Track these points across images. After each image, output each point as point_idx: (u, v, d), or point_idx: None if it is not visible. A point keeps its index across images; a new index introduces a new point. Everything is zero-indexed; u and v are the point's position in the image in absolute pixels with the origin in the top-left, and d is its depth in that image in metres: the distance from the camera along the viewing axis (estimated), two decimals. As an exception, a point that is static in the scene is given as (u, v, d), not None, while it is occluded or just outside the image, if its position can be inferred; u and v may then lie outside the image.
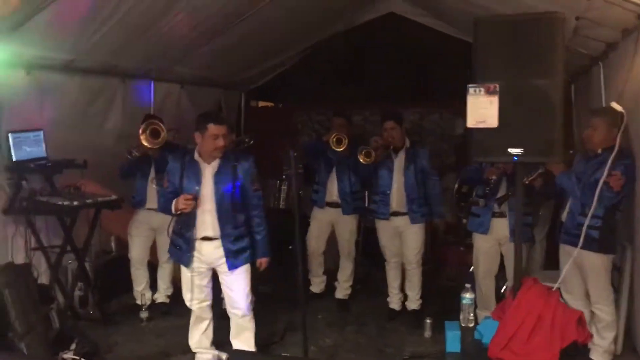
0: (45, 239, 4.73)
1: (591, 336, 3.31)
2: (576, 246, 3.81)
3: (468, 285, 3.42)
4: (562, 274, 3.75)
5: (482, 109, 3.03)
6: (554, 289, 3.27)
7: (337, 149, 5.16)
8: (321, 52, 7.52)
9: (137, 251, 5.21)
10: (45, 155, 4.64)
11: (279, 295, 5.35)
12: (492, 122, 3.05)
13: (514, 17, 3.23)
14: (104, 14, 4.29)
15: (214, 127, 3.73)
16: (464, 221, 5.06)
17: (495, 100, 3.02)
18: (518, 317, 2.92)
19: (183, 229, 3.87)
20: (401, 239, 5.11)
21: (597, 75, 4.79)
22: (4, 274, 3.76)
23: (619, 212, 3.95)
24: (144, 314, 5.04)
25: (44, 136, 4.64)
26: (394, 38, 7.47)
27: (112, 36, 4.63)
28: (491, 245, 4.66)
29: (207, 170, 3.83)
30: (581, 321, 2.97)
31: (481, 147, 3.16)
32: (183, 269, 4.01)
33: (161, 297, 5.33)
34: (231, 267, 3.87)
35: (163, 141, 4.89)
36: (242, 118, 8.17)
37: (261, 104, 9.32)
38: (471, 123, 3.08)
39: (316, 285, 5.74)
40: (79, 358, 3.91)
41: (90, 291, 4.99)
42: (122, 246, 5.51)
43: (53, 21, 4.04)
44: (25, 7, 3.68)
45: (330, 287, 5.72)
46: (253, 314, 4.04)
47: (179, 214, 3.76)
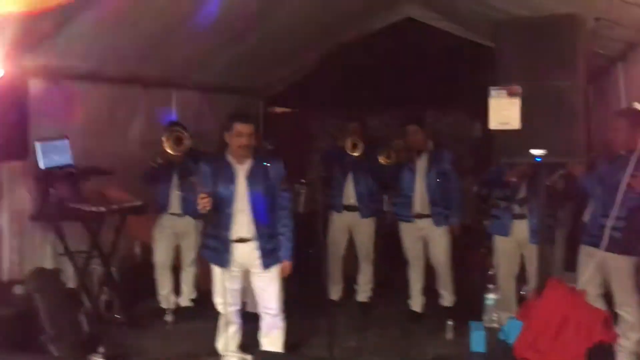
0: (72, 245, 4.83)
1: (617, 336, 3.32)
2: (598, 247, 3.82)
3: (491, 286, 3.45)
4: (585, 275, 3.76)
5: (504, 111, 3.07)
6: (578, 289, 3.29)
7: (353, 153, 5.20)
8: (338, 58, 7.57)
9: (161, 256, 5.28)
10: (72, 163, 4.74)
11: (300, 299, 5.39)
12: (515, 123, 3.08)
13: (534, 20, 3.27)
14: (128, 24, 4.40)
15: (239, 126, 3.84)
16: (484, 223, 5.07)
17: (517, 102, 3.06)
18: (543, 317, 2.94)
19: (219, 230, 3.91)
20: (426, 241, 5.14)
21: (616, 75, 4.78)
22: (35, 279, 3.86)
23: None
24: (169, 317, 5.12)
25: (70, 144, 4.75)
26: (410, 42, 7.49)
27: (134, 47, 4.75)
28: (512, 247, 4.68)
29: (240, 172, 3.90)
30: (607, 321, 2.99)
31: (504, 149, 3.20)
32: (215, 273, 4.03)
33: (185, 300, 5.39)
34: (266, 266, 3.92)
35: (186, 148, 4.97)
36: (260, 124, 8.25)
37: (279, 110, 9.39)
38: (493, 125, 3.12)
39: (334, 293, 5.71)
40: (107, 361, 3.99)
41: (117, 295, 5.07)
42: (146, 251, 5.58)
43: (79, 32, 4.15)
44: (53, 19, 3.79)
45: (348, 293, 5.72)
46: (284, 314, 4.09)
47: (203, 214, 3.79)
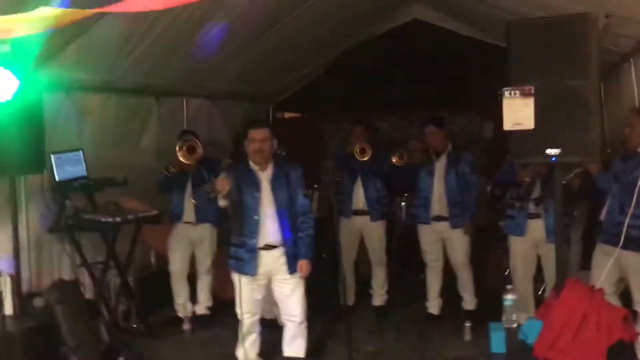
0: (89, 256, 4.87)
1: (637, 334, 3.30)
2: (616, 246, 3.80)
3: (509, 286, 3.44)
4: (604, 273, 3.74)
5: (518, 112, 3.06)
6: (596, 287, 3.27)
7: (362, 158, 5.20)
8: (346, 61, 7.59)
9: (177, 264, 5.30)
10: (86, 174, 4.78)
11: (315, 304, 5.39)
12: (529, 124, 3.08)
13: (545, 20, 3.26)
14: (138, 35, 4.44)
15: (252, 132, 3.90)
16: (500, 224, 5.06)
17: (530, 102, 3.05)
18: (563, 317, 2.93)
19: (244, 238, 3.91)
20: (445, 244, 5.13)
21: (628, 72, 4.75)
22: (55, 291, 3.90)
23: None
24: (186, 326, 5.15)
25: (83, 155, 4.79)
26: (419, 44, 7.50)
27: (146, 56, 4.79)
28: (528, 247, 4.67)
29: (263, 178, 3.93)
30: (627, 319, 2.97)
31: (519, 149, 3.20)
32: (239, 282, 3.96)
33: (202, 309, 5.41)
34: (292, 272, 3.94)
35: (199, 157, 5.01)
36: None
37: (288, 114, 9.42)
38: (508, 126, 3.12)
39: (348, 298, 5.70)
40: (128, 370, 4.02)
41: (134, 305, 5.10)
42: (162, 260, 5.60)
43: (90, 45, 4.19)
44: (65, 32, 3.83)
45: (362, 297, 5.71)
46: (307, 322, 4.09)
47: (215, 197, 3.77)
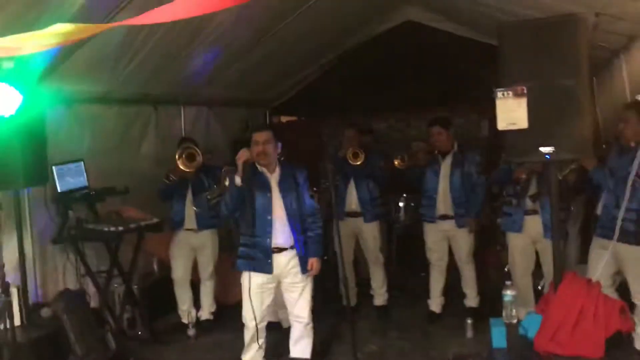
0: (93, 265, 4.92)
1: (634, 325, 3.37)
2: (611, 239, 3.88)
3: (509, 282, 3.49)
4: (599, 266, 3.82)
5: (512, 112, 3.12)
6: (592, 280, 3.34)
7: (355, 162, 5.28)
8: (342, 64, 7.65)
9: (180, 271, 5.35)
10: (87, 185, 4.84)
11: (318, 306, 5.44)
12: (522, 123, 3.14)
13: (536, 21, 3.32)
14: (135, 47, 4.50)
15: (255, 135, 3.99)
16: (497, 221, 5.13)
17: (523, 102, 3.12)
18: (561, 310, 2.99)
19: (255, 238, 3.93)
20: (451, 242, 5.22)
21: (619, 67, 4.83)
22: (62, 300, 3.95)
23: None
24: (191, 332, 5.19)
25: (84, 166, 4.85)
26: (414, 45, 7.56)
27: (143, 66, 4.86)
28: (526, 243, 4.73)
29: (272, 179, 4.00)
30: (623, 311, 3.04)
31: (514, 148, 3.26)
32: (247, 288, 3.96)
33: (205, 314, 5.46)
34: (303, 272, 4.00)
35: (199, 164, 5.06)
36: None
37: (285, 118, 9.46)
38: (502, 126, 3.18)
39: (350, 298, 5.74)
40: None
41: (139, 313, 5.14)
42: (164, 267, 5.65)
43: (89, 57, 4.25)
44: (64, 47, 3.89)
45: (364, 298, 5.77)
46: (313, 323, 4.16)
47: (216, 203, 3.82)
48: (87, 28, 2.15)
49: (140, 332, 5.13)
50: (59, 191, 4.62)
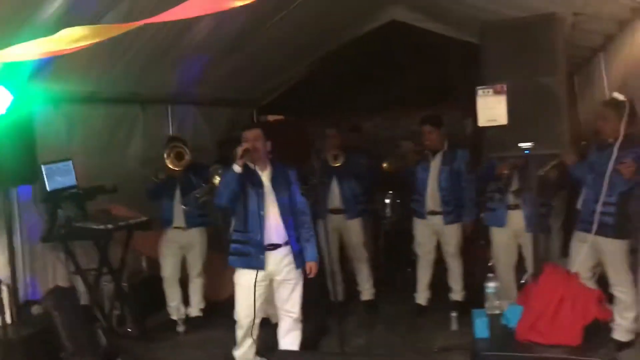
0: (82, 263, 4.93)
1: (612, 315, 3.48)
2: (591, 232, 4.00)
3: (491, 274, 3.59)
4: (578, 258, 3.93)
5: (492, 109, 3.23)
6: (572, 272, 3.45)
7: (335, 164, 5.37)
8: (329, 63, 7.72)
9: (169, 269, 5.38)
10: (76, 184, 4.86)
11: (306, 301, 5.50)
12: (502, 120, 3.24)
13: (516, 21, 3.43)
14: (123, 46, 4.53)
15: (244, 133, 4.06)
16: (481, 216, 5.23)
17: (503, 99, 3.22)
18: (541, 300, 3.09)
19: (248, 234, 3.97)
20: (439, 237, 5.33)
21: (598, 66, 4.96)
22: (53, 297, 4.00)
23: (632, 198, 4.11)
24: (180, 328, 5.25)
25: (73, 165, 4.87)
26: (399, 44, 7.65)
27: (130, 67, 4.89)
28: (509, 238, 4.84)
29: (264, 177, 4.04)
30: (601, 300, 3.14)
31: (494, 144, 3.36)
32: (243, 286, 4.02)
33: (194, 311, 5.49)
34: (298, 267, 4.05)
35: (187, 163, 5.11)
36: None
37: (272, 117, 9.50)
38: (482, 122, 3.28)
39: (337, 293, 5.74)
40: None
41: (128, 310, 5.18)
42: (153, 265, 5.69)
43: (77, 57, 4.27)
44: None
45: (351, 293, 5.83)
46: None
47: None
48: (99, 31, 2.09)
49: (129, 330, 5.15)
50: (48, 190, 4.63)
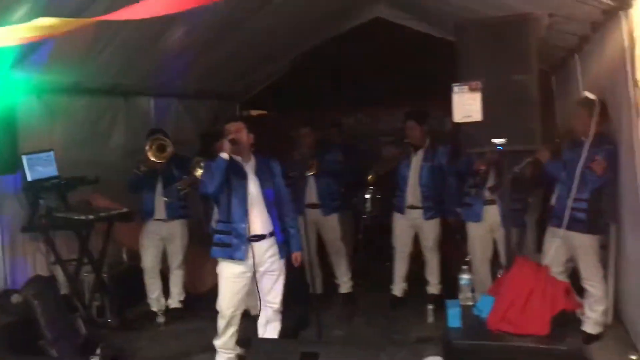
0: (63, 253, 4.95)
1: (579, 305, 3.60)
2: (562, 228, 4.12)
3: (465, 267, 3.70)
4: (551, 252, 4.06)
5: (467, 105, 3.32)
6: (543, 264, 3.57)
7: (309, 174, 5.45)
8: (312, 59, 7.77)
9: (150, 261, 5.40)
10: (57, 174, 4.87)
11: (286, 294, 5.56)
12: (477, 116, 3.34)
13: (491, 20, 3.53)
14: (106, 38, 4.55)
15: (227, 125, 4.10)
16: (458, 211, 5.33)
17: (478, 96, 3.32)
18: (512, 291, 3.20)
19: (234, 223, 3.97)
20: (418, 231, 5.43)
21: (574, 66, 5.09)
22: (33, 286, 4.01)
23: (604, 195, 4.24)
24: (160, 319, 5.29)
25: (54, 156, 4.88)
26: (382, 42, 7.71)
27: (114, 58, 4.91)
28: (484, 232, 4.95)
29: (248, 168, 4.07)
30: (568, 292, 3.26)
31: (469, 139, 3.47)
32: (226, 277, 4.05)
33: (174, 302, 5.52)
34: (282, 257, 4.10)
35: (169, 155, 5.14)
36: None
37: (254, 112, 9.54)
38: (457, 118, 3.38)
39: (316, 286, 5.75)
40: (106, 362, 4.15)
41: (108, 301, 5.20)
42: (133, 257, 5.70)
43: (60, 47, 4.30)
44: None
45: (330, 286, 5.88)
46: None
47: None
48: (70, 22, 2.16)
49: (109, 320, 5.17)
50: (29, 180, 4.64)
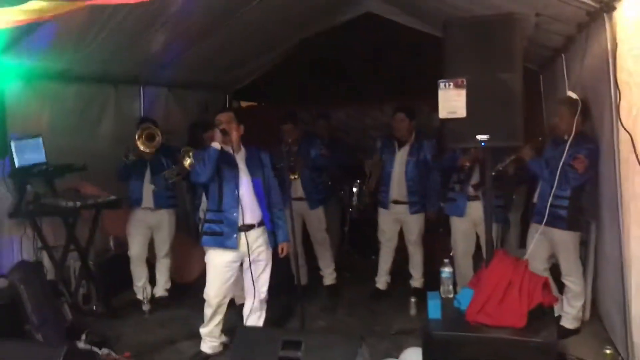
0: (50, 240, 4.97)
1: (556, 299, 3.69)
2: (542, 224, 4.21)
3: (446, 260, 3.77)
4: (530, 247, 4.15)
5: (452, 102, 3.39)
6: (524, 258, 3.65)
7: (292, 178, 5.46)
8: (303, 52, 7.80)
9: (136, 249, 5.44)
10: (45, 161, 4.88)
11: (271, 284, 5.61)
12: (461, 112, 3.41)
13: (478, 19, 3.59)
14: (98, 25, 4.54)
15: (217, 116, 4.19)
16: (442, 205, 5.42)
17: (463, 93, 3.38)
18: (491, 284, 3.28)
19: (225, 212, 4.03)
20: (402, 225, 5.51)
21: (560, 66, 5.16)
22: (19, 271, 4.04)
23: (584, 193, 4.33)
24: (146, 307, 5.32)
25: (43, 142, 4.89)
26: (373, 37, 7.76)
27: (105, 46, 4.90)
28: (468, 227, 5.04)
29: (238, 157, 4.12)
30: (546, 286, 3.34)
31: (453, 135, 3.53)
32: (215, 265, 4.12)
33: (160, 291, 5.58)
34: (271, 245, 4.17)
35: (158, 144, 5.16)
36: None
37: (245, 104, 9.55)
38: (443, 114, 3.45)
39: (301, 277, 5.91)
40: (90, 347, 4.18)
41: (94, 288, 5.23)
42: (120, 244, 5.74)
43: (50, 34, 4.30)
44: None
45: (315, 278, 5.93)
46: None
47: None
48: (61, 5, 2.18)
49: (95, 307, 5.21)
50: (16, 166, 4.65)
